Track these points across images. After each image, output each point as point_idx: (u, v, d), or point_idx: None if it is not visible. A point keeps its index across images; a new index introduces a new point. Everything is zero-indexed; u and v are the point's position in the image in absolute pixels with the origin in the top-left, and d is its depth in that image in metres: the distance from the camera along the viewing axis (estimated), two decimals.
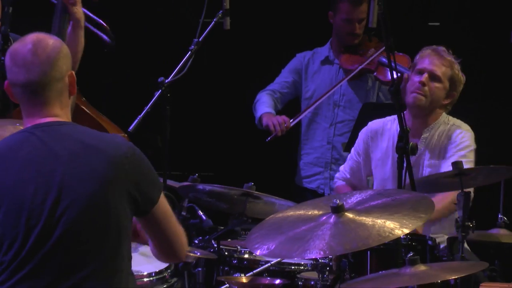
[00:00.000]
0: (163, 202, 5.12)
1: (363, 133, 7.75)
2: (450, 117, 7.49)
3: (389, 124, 7.58)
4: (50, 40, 5.07)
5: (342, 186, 7.88)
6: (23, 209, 4.91)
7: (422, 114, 7.43)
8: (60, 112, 5.06)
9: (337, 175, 7.91)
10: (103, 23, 7.71)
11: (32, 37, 5.05)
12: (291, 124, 8.79)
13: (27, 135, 5.04)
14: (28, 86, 5.01)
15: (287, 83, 9.13)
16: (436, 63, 7.30)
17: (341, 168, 7.87)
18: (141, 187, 5.00)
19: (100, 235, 4.94)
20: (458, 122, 7.48)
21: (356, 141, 7.80)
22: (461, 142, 7.36)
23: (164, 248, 5.19)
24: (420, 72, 7.30)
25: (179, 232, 5.18)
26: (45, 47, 5.05)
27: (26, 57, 5.00)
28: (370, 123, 7.74)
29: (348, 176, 7.80)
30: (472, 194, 7.01)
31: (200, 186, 7.13)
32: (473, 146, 7.38)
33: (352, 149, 7.83)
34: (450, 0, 11.12)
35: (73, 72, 5.09)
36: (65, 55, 5.08)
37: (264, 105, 9.00)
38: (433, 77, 7.25)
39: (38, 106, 5.04)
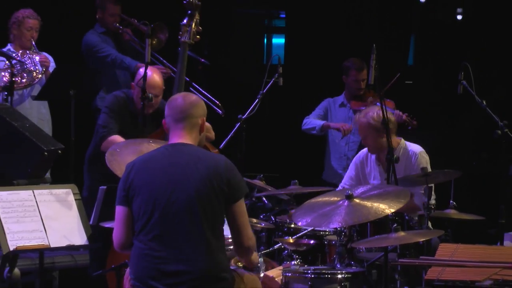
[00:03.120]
0: (243, 205, 5.14)
1: (356, 160, 7.58)
2: (406, 142, 7.32)
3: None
4: (194, 96, 5.26)
5: None
6: (153, 195, 5.03)
7: (379, 150, 7.22)
8: (189, 138, 5.14)
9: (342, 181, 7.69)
10: (214, 99, 7.79)
11: (183, 93, 5.35)
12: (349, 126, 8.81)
13: (163, 150, 5.17)
14: (175, 117, 5.15)
15: (320, 115, 9.10)
16: (359, 129, 7.29)
17: (344, 181, 7.63)
18: (230, 186, 5.03)
19: (201, 214, 4.99)
20: (412, 145, 7.34)
21: (351, 168, 7.61)
22: (420, 163, 7.26)
23: (235, 237, 5.14)
24: None
25: (247, 228, 5.15)
26: (189, 97, 5.23)
27: (178, 102, 5.17)
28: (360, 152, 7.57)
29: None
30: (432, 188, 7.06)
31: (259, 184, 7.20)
32: (424, 161, 7.25)
33: (348, 174, 7.61)
34: (419, 67, 11.17)
35: (204, 118, 5.22)
36: (200, 106, 5.21)
37: (318, 120, 8.98)
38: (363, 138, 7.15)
39: (176, 132, 5.16)
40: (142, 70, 7.12)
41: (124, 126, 7.10)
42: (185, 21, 6.77)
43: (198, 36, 6.79)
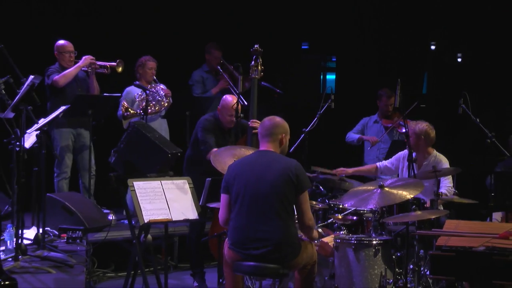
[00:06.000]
0: (306, 195, 5.13)
1: (400, 155, 7.30)
2: (438, 153, 7.12)
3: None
4: (278, 118, 5.24)
5: (371, 166, 7.54)
6: (244, 185, 5.09)
7: (417, 151, 6.99)
8: (271, 148, 5.18)
9: (380, 162, 7.52)
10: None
11: (271, 116, 5.27)
12: (378, 139, 8.73)
13: (252, 155, 5.26)
14: (263, 133, 5.20)
15: (358, 130, 9.03)
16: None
17: (384, 161, 7.47)
18: (298, 180, 5.03)
19: (276, 198, 5.01)
20: (440, 156, 7.11)
21: (395, 157, 7.36)
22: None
23: (299, 218, 5.15)
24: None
25: (308, 212, 5.15)
26: (274, 120, 5.22)
27: (266, 123, 5.19)
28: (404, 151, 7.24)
29: (382, 166, 7.38)
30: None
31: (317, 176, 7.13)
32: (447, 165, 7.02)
33: (392, 159, 7.38)
34: (430, 95, 11.04)
35: (284, 135, 5.22)
36: (281, 126, 5.22)
37: (356, 135, 8.88)
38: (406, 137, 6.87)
39: (263, 143, 5.21)
40: (224, 98, 7.14)
41: (216, 138, 7.12)
42: (252, 62, 6.84)
43: (262, 73, 6.86)
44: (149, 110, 8.06)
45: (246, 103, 7.10)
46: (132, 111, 8.03)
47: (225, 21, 9.87)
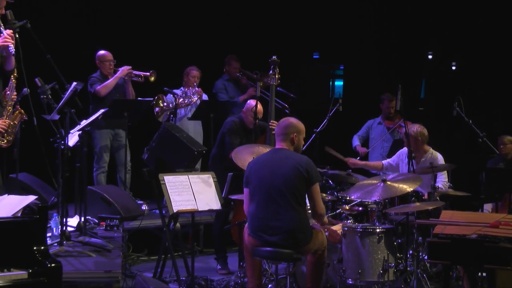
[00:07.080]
0: (317, 187, 5.12)
1: (400, 152, 7.25)
2: (433, 151, 7.05)
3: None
4: (292, 119, 5.22)
5: (378, 163, 7.48)
6: (260, 179, 5.08)
7: (416, 150, 6.92)
8: (284, 146, 5.15)
9: (385, 160, 7.47)
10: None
11: (287, 117, 5.27)
12: (367, 150, 8.69)
13: (268, 152, 5.25)
14: (278, 132, 5.19)
15: (363, 132, 8.99)
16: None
17: (388, 160, 7.39)
18: (308, 174, 5.01)
19: (289, 190, 5.00)
20: (436, 153, 7.03)
21: (396, 155, 7.29)
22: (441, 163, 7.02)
23: (312, 208, 5.14)
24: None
25: (320, 202, 5.13)
26: (287, 121, 5.20)
27: (281, 123, 5.18)
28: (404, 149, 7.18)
29: (386, 164, 7.32)
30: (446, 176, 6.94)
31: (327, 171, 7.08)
32: (443, 161, 6.96)
33: (394, 157, 7.33)
34: (428, 99, 10.98)
35: (296, 134, 5.17)
36: (293, 126, 5.17)
37: (356, 142, 8.86)
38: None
39: (278, 142, 5.18)
40: (248, 102, 7.16)
41: (241, 138, 7.12)
42: (271, 71, 6.85)
43: (279, 80, 6.86)
44: (180, 101, 8.16)
45: (269, 97, 7.09)
46: (161, 105, 8.07)
47: (246, 35, 9.89)
